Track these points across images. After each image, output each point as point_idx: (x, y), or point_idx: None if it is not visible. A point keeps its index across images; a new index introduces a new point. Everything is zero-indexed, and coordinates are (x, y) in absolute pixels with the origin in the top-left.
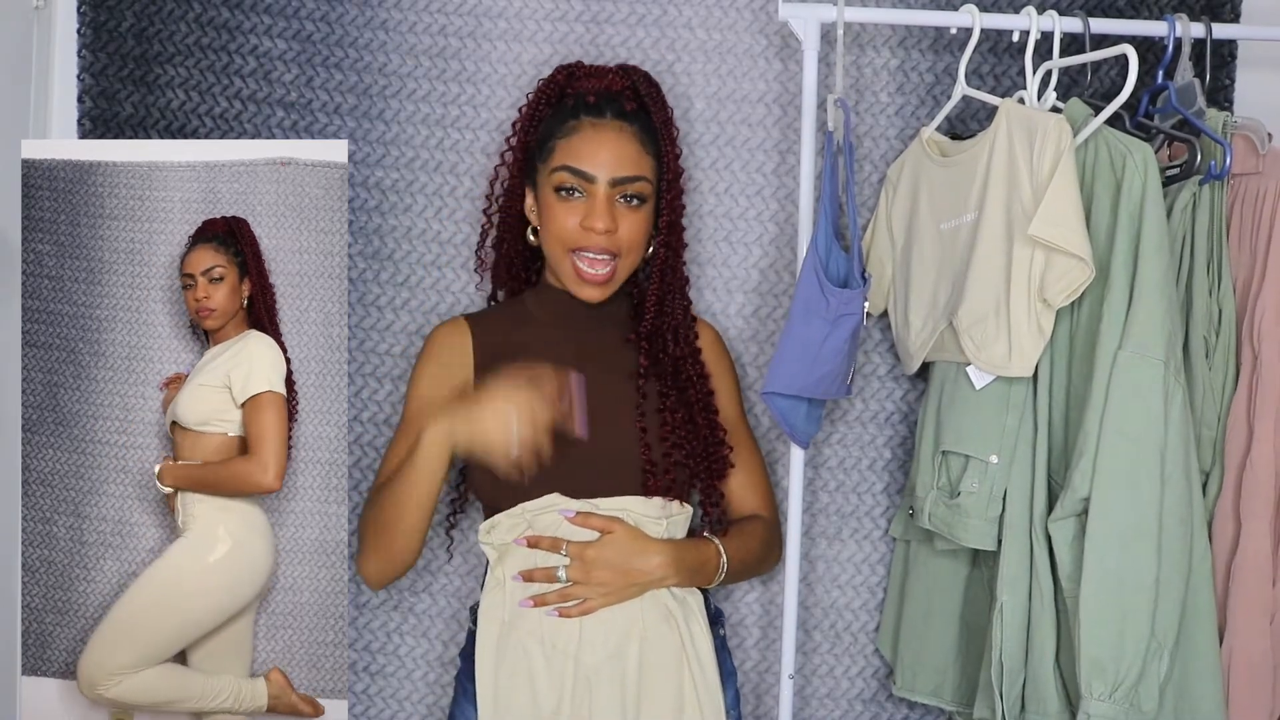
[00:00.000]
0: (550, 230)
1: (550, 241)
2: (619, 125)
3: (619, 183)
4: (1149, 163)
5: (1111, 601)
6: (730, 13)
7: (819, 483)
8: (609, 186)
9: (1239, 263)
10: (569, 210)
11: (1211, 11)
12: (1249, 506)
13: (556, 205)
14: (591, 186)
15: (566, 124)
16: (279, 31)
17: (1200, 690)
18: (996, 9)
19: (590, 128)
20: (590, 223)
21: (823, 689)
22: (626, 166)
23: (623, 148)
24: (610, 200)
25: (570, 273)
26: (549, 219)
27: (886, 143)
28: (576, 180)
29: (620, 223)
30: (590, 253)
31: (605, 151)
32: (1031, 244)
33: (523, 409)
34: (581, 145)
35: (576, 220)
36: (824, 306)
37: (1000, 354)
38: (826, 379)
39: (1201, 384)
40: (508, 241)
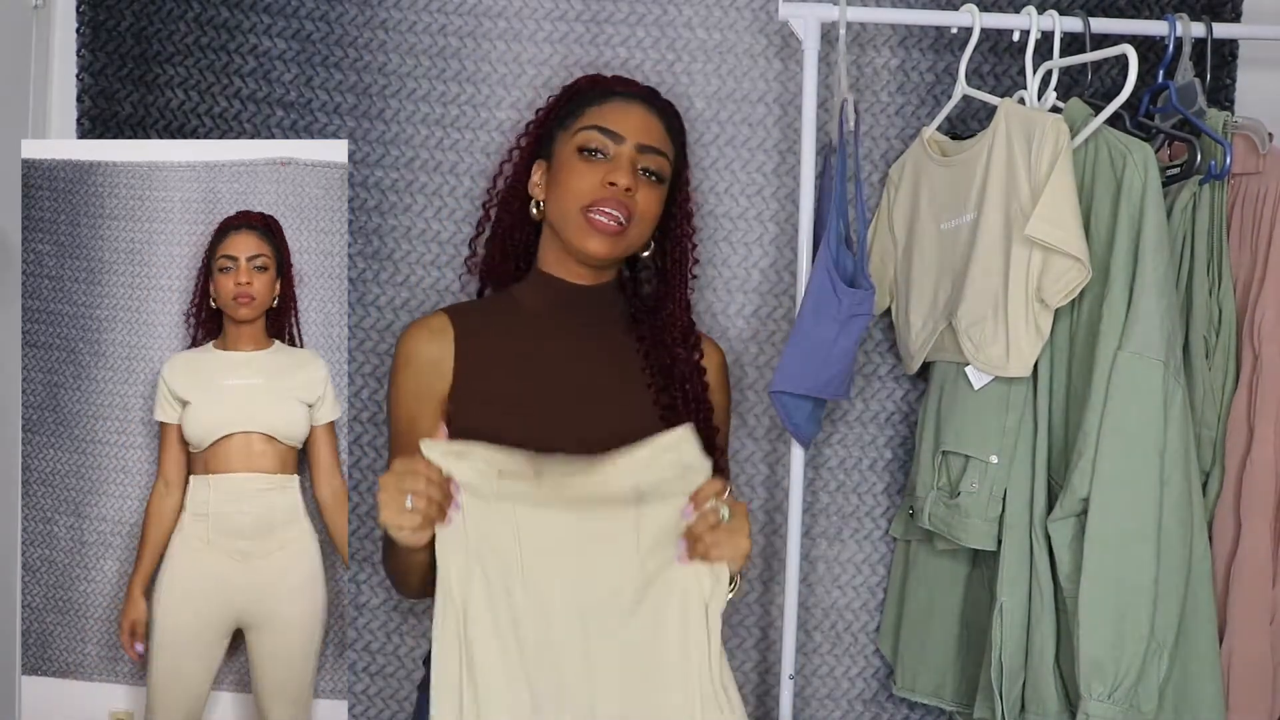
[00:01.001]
0: (567, 189)
1: (564, 200)
2: (647, 107)
3: (644, 150)
4: (1149, 162)
5: (1111, 602)
6: (730, 13)
7: (819, 483)
8: (634, 150)
9: (1239, 263)
10: (591, 169)
11: (1212, 11)
12: (1249, 506)
13: (578, 164)
14: (618, 148)
15: (594, 97)
16: (279, 31)
17: (1200, 690)
18: (997, 9)
19: (622, 100)
20: (614, 177)
21: (823, 689)
22: (654, 137)
23: (650, 122)
24: (633, 164)
25: (580, 225)
26: (567, 177)
27: (887, 143)
28: (603, 140)
29: (639, 190)
30: (607, 207)
31: (634, 119)
32: (1029, 244)
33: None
34: (612, 111)
35: (597, 179)
36: (836, 307)
37: (998, 354)
38: (835, 379)
39: (1201, 384)
40: (505, 225)
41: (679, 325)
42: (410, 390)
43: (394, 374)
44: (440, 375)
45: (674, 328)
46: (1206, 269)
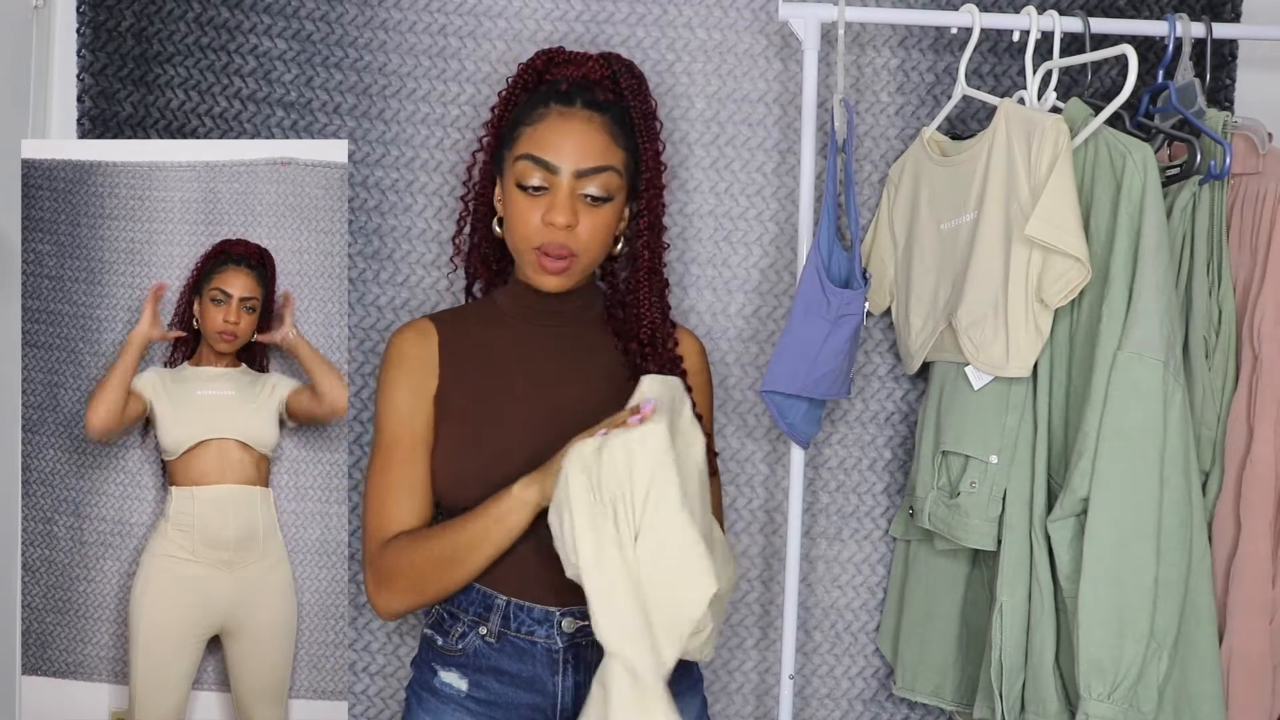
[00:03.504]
0: (513, 224)
1: (513, 237)
2: (588, 115)
3: (584, 174)
4: (1149, 163)
5: (1111, 601)
6: (730, 13)
7: (819, 483)
8: (573, 178)
9: (1239, 263)
10: (532, 205)
11: (1212, 11)
12: (1249, 506)
13: (520, 200)
14: (554, 178)
15: (535, 111)
16: (279, 31)
17: (1200, 690)
18: (997, 9)
19: (557, 116)
20: (551, 217)
21: (823, 689)
22: (592, 157)
23: (589, 138)
24: (573, 195)
25: (532, 263)
26: (511, 212)
27: (887, 143)
28: (538, 171)
29: (581, 219)
30: (549, 251)
31: (570, 142)
32: (1029, 244)
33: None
34: (546, 134)
35: (538, 217)
36: (825, 306)
37: (998, 354)
38: (826, 379)
39: (1201, 384)
40: (479, 232)
41: (649, 319)
42: (405, 386)
43: (386, 372)
44: (430, 373)
45: (646, 321)
46: (1206, 269)
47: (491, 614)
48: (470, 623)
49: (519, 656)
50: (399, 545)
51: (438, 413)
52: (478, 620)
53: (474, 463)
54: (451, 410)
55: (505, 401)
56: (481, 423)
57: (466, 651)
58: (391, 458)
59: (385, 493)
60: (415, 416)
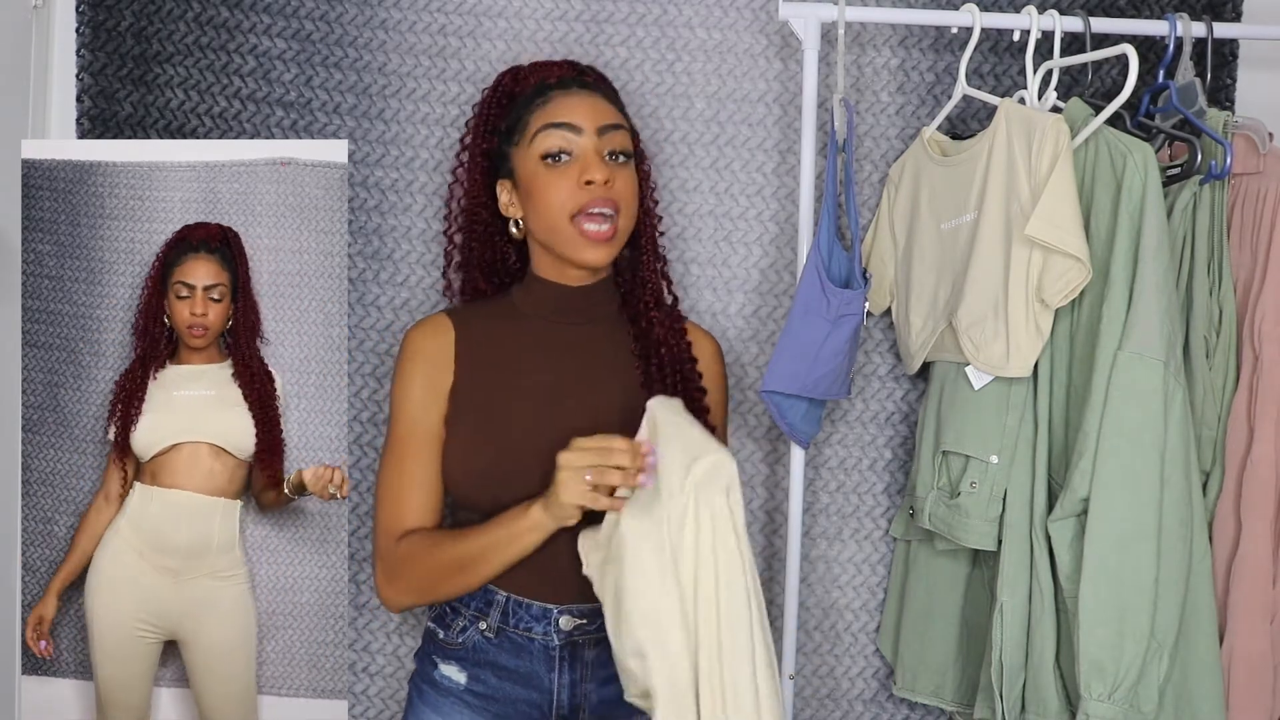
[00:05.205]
0: (546, 202)
1: (547, 215)
2: (586, 90)
3: (605, 131)
4: (1149, 162)
5: (1111, 602)
6: (730, 12)
7: (819, 483)
8: (597, 136)
9: (1239, 263)
10: (562, 174)
11: (1213, 11)
12: (1249, 506)
13: (547, 175)
14: (579, 140)
15: (534, 101)
16: (279, 31)
17: (1200, 690)
18: (997, 8)
19: (561, 94)
20: (589, 174)
21: (823, 689)
22: (608, 114)
23: (597, 102)
24: (600, 154)
25: (574, 238)
26: (541, 192)
27: (887, 143)
28: (563, 135)
29: (614, 176)
30: (594, 208)
31: (584, 105)
32: (1029, 244)
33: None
34: (559, 105)
35: (572, 181)
36: (824, 306)
37: (998, 354)
38: (825, 379)
39: (1202, 384)
40: (478, 251)
41: (652, 286)
42: (420, 381)
43: (401, 366)
44: (445, 370)
45: (648, 289)
46: (1207, 269)
47: (491, 609)
48: (471, 617)
49: (517, 652)
50: (412, 545)
51: (452, 408)
52: (478, 615)
53: (487, 459)
54: (466, 406)
55: (520, 398)
56: (495, 419)
57: (466, 646)
58: (405, 452)
59: (398, 487)
60: (430, 412)
